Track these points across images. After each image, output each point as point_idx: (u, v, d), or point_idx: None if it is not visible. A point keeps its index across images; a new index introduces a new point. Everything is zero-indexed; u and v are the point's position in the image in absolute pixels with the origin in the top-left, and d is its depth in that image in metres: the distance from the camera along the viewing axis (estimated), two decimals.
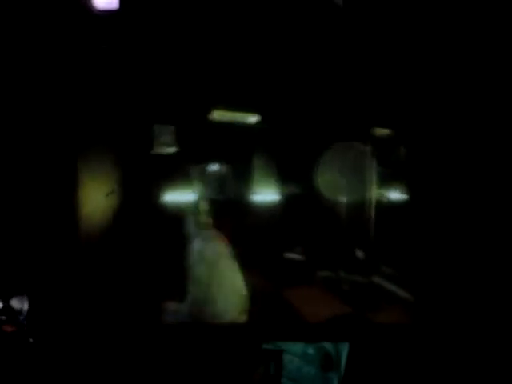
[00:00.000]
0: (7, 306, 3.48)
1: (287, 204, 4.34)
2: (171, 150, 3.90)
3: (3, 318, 3.41)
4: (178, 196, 3.98)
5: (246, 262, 4.01)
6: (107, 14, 3.17)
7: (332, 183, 4.45)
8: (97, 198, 3.28)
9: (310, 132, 4.20)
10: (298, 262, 4.54)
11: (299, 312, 3.98)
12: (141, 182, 3.64)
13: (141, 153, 3.67)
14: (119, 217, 3.38)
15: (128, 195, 3.49)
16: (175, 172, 4.04)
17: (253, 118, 3.99)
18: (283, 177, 4.32)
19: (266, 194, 4.29)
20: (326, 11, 3.36)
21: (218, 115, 3.86)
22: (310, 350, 3.60)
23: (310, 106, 3.81)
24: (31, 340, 3.46)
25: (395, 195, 4.47)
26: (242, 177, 4.30)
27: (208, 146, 4.22)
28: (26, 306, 3.49)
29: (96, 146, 3.35)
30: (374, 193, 4.62)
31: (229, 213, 4.19)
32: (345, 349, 3.58)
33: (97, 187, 3.31)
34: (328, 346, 3.60)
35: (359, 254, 4.64)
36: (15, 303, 3.47)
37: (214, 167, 4.45)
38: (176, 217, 4.04)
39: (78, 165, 3.24)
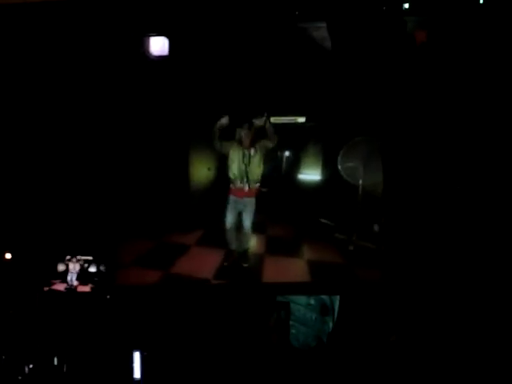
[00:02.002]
0: (86, 269, 4.84)
1: (326, 183, 5.52)
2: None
3: (96, 279, 4.79)
4: None
5: (285, 220, 5.51)
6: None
7: (352, 170, 5.49)
8: (202, 169, 5.50)
9: (340, 128, 5.33)
10: (327, 225, 5.76)
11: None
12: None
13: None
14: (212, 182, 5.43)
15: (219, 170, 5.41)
16: None
17: (301, 119, 5.43)
18: (324, 161, 5.52)
19: (310, 175, 5.59)
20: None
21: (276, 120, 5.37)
22: (312, 301, 4.81)
23: (336, 111, 5.13)
24: (108, 297, 4.80)
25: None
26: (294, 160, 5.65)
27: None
28: (102, 268, 4.84)
29: (199, 139, 5.35)
30: None
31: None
32: (337, 300, 4.77)
33: (200, 164, 5.48)
34: (325, 297, 4.80)
35: (375, 227, 5.67)
36: (92, 266, 4.84)
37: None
38: None
39: (190, 150, 5.40)
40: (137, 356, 4.65)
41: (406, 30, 4.59)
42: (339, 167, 5.38)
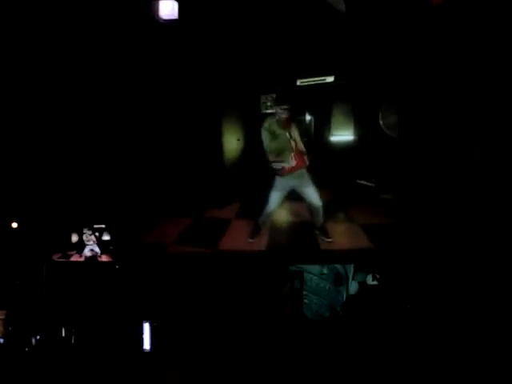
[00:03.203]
0: (99, 238, 4.73)
1: (360, 142, 5.31)
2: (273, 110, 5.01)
3: (111, 248, 4.68)
4: None
5: (323, 183, 5.10)
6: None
7: (394, 123, 5.17)
8: (232, 140, 5.43)
9: (371, 85, 5.15)
10: (368, 186, 5.58)
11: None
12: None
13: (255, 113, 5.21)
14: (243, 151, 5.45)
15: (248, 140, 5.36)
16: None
17: (330, 78, 5.24)
18: (357, 120, 5.31)
19: (342, 135, 5.38)
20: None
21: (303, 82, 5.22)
22: (325, 270, 4.70)
23: (364, 68, 4.98)
24: (117, 266, 4.71)
25: None
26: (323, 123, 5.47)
27: (300, 102, 5.30)
28: (108, 238, 4.74)
29: (230, 111, 5.36)
30: None
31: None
32: (351, 269, 4.66)
33: (231, 134, 5.43)
34: (338, 266, 4.68)
35: None
36: (106, 235, 4.74)
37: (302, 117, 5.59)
38: None
39: (222, 122, 5.35)
40: (146, 327, 4.56)
41: None
42: (380, 122, 5.15)
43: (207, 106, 5.15)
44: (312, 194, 4.66)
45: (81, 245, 4.79)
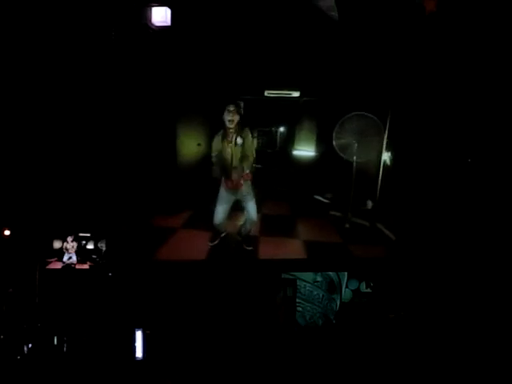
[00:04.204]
0: (84, 246, 4.71)
1: (320, 159, 5.47)
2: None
3: (93, 256, 4.66)
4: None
5: (280, 197, 5.46)
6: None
7: (346, 146, 5.37)
8: (189, 145, 5.32)
9: (335, 102, 5.28)
10: (322, 203, 5.67)
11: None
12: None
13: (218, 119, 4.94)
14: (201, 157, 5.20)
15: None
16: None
17: (296, 93, 5.39)
18: (319, 137, 5.46)
19: (304, 150, 5.56)
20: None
21: (270, 93, 5.32)
22: (319, 278, 4.68)
23: (332, 85, 5.09)
24: (110, 274, 4.68)
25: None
26: (288, 136, 5.60)
27: (264, 114, 5.50)
28: (104, 246, 4.71)
29: (188, 114, 5.22)
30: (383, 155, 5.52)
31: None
32: (345, 277, 4.64)
33: (188, 139, 5.31)
34: (332, 274, 4.66)
35: (369, 203, 5.59)
36: (90, 244, 4.71)
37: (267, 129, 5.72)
38: None
39: (177, 125, 5.21)
40: (139, 335, 4.53)
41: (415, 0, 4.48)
42: (334, 143, 5.28)
43: (166, 108, 5.05)
44: (251, 209, 4.82)
45: (62, 252, 4.78)
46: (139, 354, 4.51)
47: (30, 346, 4.54)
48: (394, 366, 4.24)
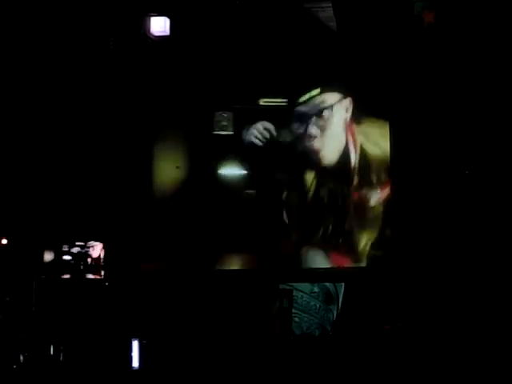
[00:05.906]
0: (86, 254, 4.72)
1: None
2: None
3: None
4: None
5: None
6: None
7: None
8: (167, 169, 4.62)
9: None
10: None
11: None
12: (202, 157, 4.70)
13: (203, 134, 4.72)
14: (184, 182, 4.66)
15: (191, 168, 4.68)
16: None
17: None
18: None
19: None
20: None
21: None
22: (316, 288, 4.68)
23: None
24: (107, 284, 4.69)
25: None
26: None
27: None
28: (102, 255, 4.71)
29: (167, 131, 4.75)
30: None
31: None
32: (342, 287, 4.64)
33: (167, 161, 4.66)
34: (329, 285, 4.66)
35: None
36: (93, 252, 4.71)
37: None
38: None
39: (154, 145, 4.67)
40: (135, 344, 4.53)
41: (414, 12, 4.48)
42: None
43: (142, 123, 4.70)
44: None
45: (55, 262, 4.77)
46: (136, 363, 4.51)
47: (26, 354, 4.55)
48: (390, 377, 4.24)
